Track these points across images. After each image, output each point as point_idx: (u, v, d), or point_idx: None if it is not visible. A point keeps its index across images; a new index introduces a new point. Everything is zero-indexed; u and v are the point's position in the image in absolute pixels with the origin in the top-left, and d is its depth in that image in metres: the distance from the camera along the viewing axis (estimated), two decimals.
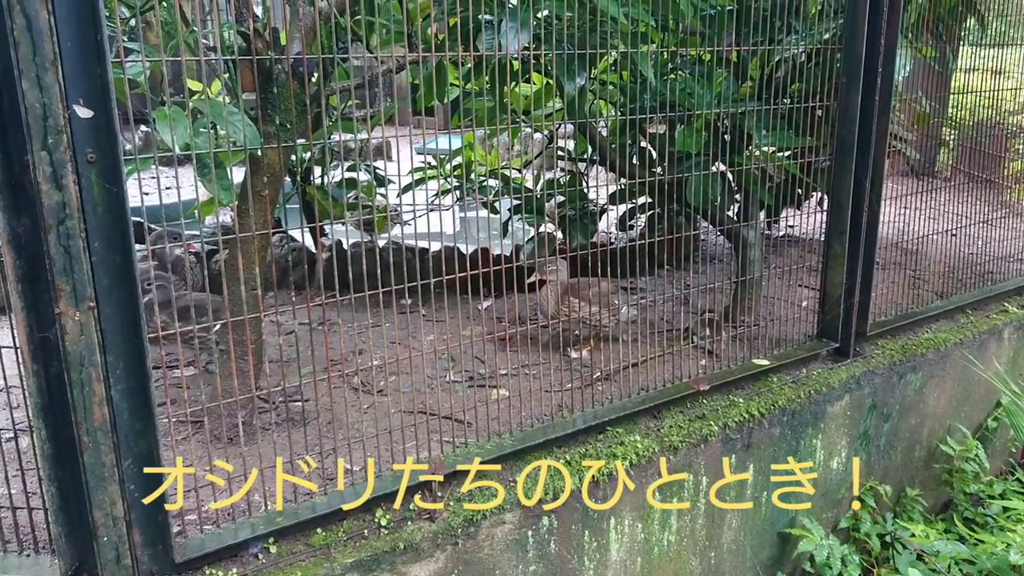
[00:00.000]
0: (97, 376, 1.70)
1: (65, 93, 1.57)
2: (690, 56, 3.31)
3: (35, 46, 1.52)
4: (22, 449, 2.46)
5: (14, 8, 1.50)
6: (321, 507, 2.09)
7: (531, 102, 3.91)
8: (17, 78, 1.54)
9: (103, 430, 1.73)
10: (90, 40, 1.58)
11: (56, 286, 1.64)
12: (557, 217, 3.64)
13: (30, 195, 1.62)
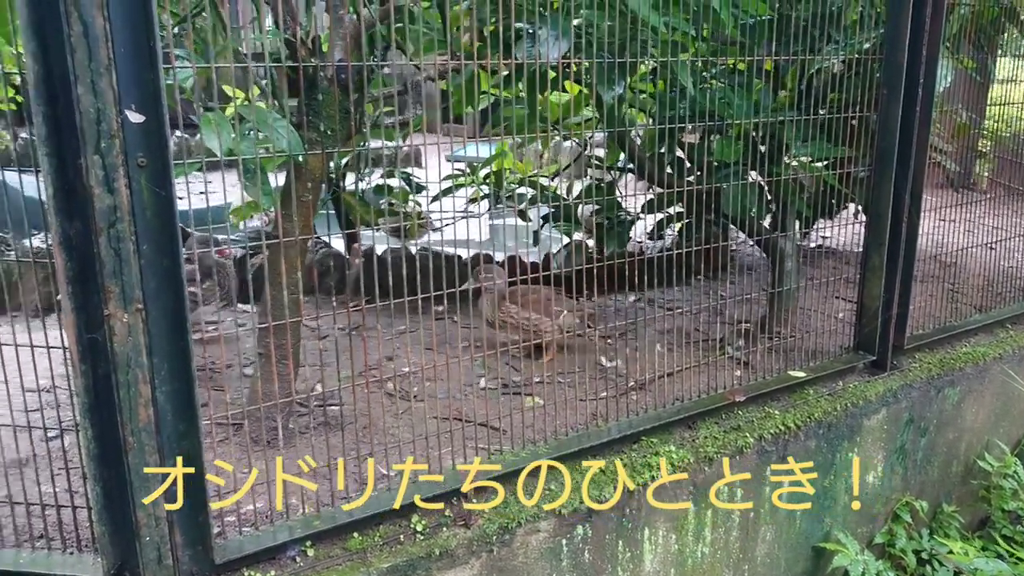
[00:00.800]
0: (143, 377, 1.72)
1: (118, 98, 1.59)
2: (727, 66, 3.30)
3: (91, 52, 1.55)
4: (64, 448, 2.50)
5: (71, 15, 1.54)
6: (361, 511, 2.10)
7: (565, 110, 3.93)
8: (73, 83, 1.57)
9: (148, 431, 1.75)
10: (143, 46, 1.60)
11: (106, 288, 1.66)
12: (592, 225, 3.63)
13: (81, 198, 1.64)
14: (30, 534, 2.02)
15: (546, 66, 2.47)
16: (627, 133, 3.40)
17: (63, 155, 1.63)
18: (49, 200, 1.64)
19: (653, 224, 3.73)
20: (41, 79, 1.58)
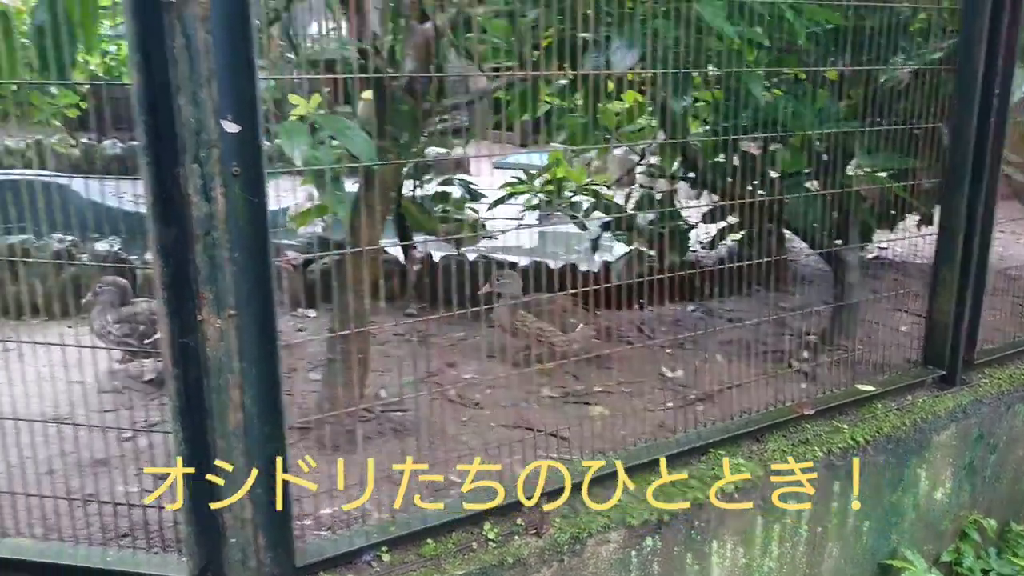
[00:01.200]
0: (234, 382, 1.75)
1: (217, 109, 1.63)
2: (793, 75, 3.27)
3: (193, 64, 1.59)
4: (140, 448, 2.56)
5: (175, 28, 1.58)
6: (434, 518, 2.12)
7: (623, 119, 3.92)
8: (174, 94, 1.61)
9: (236, 435, 1.78)
10: (241, 58, 1.64)
11: (200, 294, 1.70)
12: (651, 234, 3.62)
13: (178, 206, 1.69)
14: (115, 532, 2.07)
15: (609, 76, 2.47)
16: (687, 142, 3.39)
17: (161, 164, 1.67)
18: (148, 208, 1.68)
19: (714, 234, 3.71)
20: (143, 90, 1.63)
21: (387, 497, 2.23)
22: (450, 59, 2.80)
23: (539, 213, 4.10)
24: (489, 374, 3.15)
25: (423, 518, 2.12)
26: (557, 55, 2.62)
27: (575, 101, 3.40)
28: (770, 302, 4.04)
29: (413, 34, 2.58)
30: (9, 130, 5.96)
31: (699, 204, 3.52)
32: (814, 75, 3.17)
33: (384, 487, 2.25)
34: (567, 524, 2.21)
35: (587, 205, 3.88)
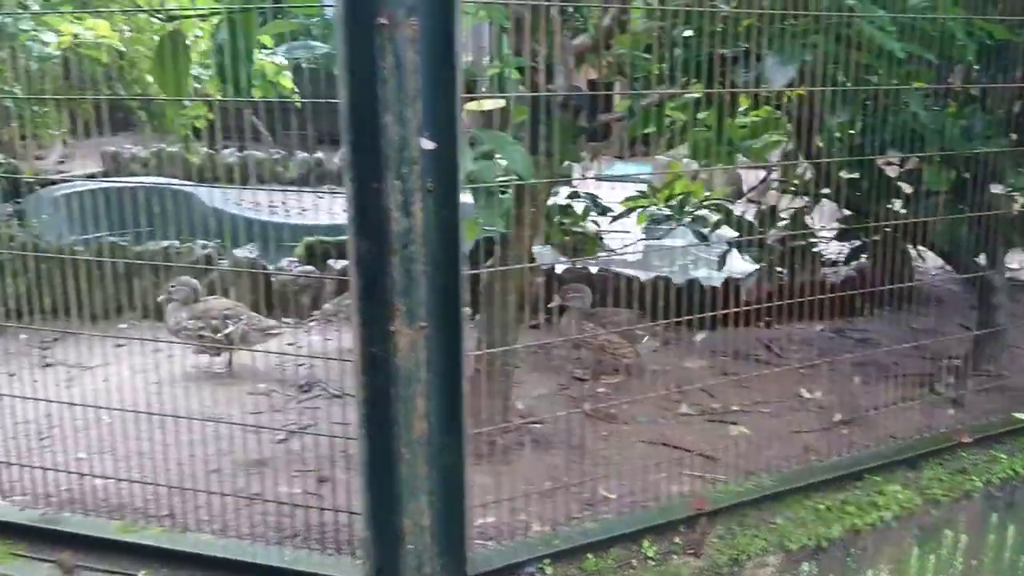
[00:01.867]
0: (421, 392, 1.79)
1: (420, 126, 1.68)
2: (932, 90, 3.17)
3: (401, 83, 1.65)
4: (294, 450, 2.64)
5: (386, 49, 1.63)
6: (594, 533, 2.12)
7: (750, 133, 3.87)
8: (381, 112, 1.66)
9: (420, 443, 1.82)
10: (444, 78, 1.69)
11: (394, 306, 1.75)
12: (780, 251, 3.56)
13: (375, 220, 1.74)
14: (289, 532, 2.14)
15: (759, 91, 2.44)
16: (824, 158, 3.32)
17: (362, 178, 1.73)
18: (349, 221, 1.74)
19: (847, 252, 3.62)
20: (351, 107, 1.69)
21: (541, 509, 2.25)
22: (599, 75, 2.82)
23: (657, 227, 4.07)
24: (622, 388, 3.15)
25: (584, 532, 2.13)
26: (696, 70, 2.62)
27: (698, 115, 3.37)
28: (901, 323, 3.93)
29: (566, 50, 2.60)
30: (139, 139, 6.28)
31: (834, 226, 3.44)
32: (960, 91, 3.08)
33: (538, 499, 2.27)
34: (725, 545, 2.19)
35: (712, 220, 3.83)
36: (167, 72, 2.62)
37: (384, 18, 1.61)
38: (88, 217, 4.90)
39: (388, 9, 1.61)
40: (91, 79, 3.54)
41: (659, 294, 3.65)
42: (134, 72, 3.90)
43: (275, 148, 6.74)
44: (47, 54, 3.33)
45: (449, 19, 1.65)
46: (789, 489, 2.36)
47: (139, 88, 4.40)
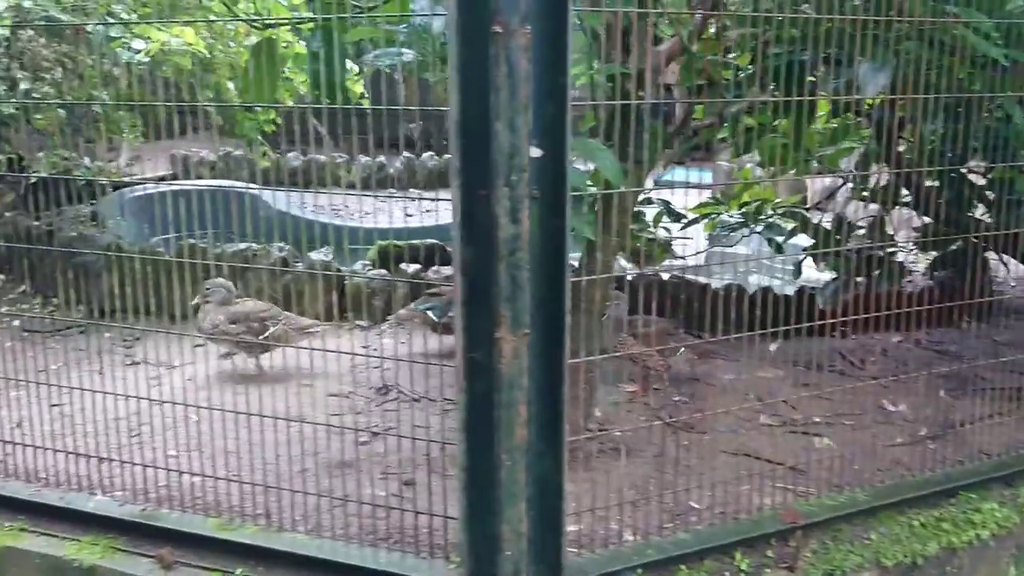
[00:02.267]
0: (523, 399, 1.80)
1: (530, 134, 1.68)
2: None
3: (513, 92, 1.65)
4: (377, 452, 2.67)
5: (500, 57, 1.64)
6: (686, 544, 2.10)
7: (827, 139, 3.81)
8: (492, 120, 1.67)
9: (521, 450, 1.82)
10: (554, 86, 1.69)
11: (499, 312, 1.75)
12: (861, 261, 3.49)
13: (479, 227, 1.75)
14: (383, 534, 2.16)
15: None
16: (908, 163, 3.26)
17: (469, 185, 1.74)
18: (455, 228, 1.75)
19: (929, 261, 3.54)
20: (461, 115, 1.70)
21: (629, 518, 2.23)
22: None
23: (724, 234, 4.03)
24: (698, 396, 3.12)
25: (677, 544, 2.11)
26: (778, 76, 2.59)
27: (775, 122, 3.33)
28: (983, 335, 3.83)
29: (653, 57, 2.59)
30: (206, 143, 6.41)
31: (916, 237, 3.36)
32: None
33: (625, 508, 2.26)
34: (819, 560, 2.15)
35: (786, 227, 3.78)
36: (259, 78, 2.68)
37: (498, 26, 1.62)
38: (161, 219, 5.01)
39: (503, 17, 1.62)
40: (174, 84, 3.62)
41: (732, 302, 3.63)
42: (213, 77, 3.99)
43: (337, 152, 6.82)
44: (136, 61, 3.42)
45: (561, 27, 1.66)
46: (882, 504, 2.31)
47: (211, 93, 4.49)
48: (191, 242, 3.76)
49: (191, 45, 3.42)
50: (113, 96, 3.72)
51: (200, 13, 3.54)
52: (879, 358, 3.57)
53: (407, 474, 2.51)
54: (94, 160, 4.80)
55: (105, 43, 3.46)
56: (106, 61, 3.95)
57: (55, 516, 2.32)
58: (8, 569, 2.26)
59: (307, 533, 2.17)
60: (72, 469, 2.49)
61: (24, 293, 4.24)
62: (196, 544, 2.19)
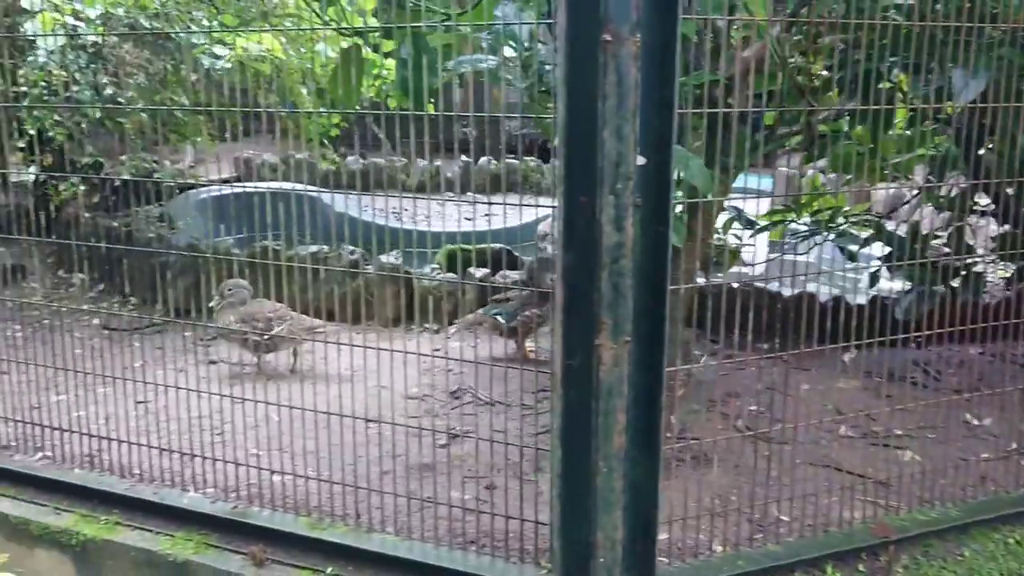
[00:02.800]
0: (621, 406, 1.80)
1: (637, 142, 1.68)
2: None
3: (621, 100, 1.66)
4: (456, 455, 2.69)
5: (609, 66, 1.64)
6: (776, 556, 2.08)
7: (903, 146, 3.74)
8: (599, 128, 1.68)
9: (618, 457, 1.82)
10: (661, 95, 1.69)
11: (600, 319, 1.76)
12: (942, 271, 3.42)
13: (584, 234, 1.75)
14: (470, 537, 2.17)
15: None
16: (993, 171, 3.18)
17: (572, 192, 1.75)
18: (558, 234, 1.76)
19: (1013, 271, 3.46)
20: (567, 122, 1.71)
21: (715, 528, 2.22)
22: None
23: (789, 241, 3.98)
24: (775, 405, 3.08)
25: (767, 555, 2.09)
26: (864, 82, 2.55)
27: (845, 128, 3.28)
28: None
29: (739, 63, 2.57)
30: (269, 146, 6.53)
31: None
32: None
33: (711, 518, 2.25)
34: (909, 575, 2.12)
35: (859, 235, 3.72)
36: (344, 83, 2.72)
37: (608, 35, 1.63)
38: (228, 219, 5.11)
39: (613, 26, 1.62)
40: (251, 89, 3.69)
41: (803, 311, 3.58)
42: (288, 81, 4.06)
43: (395, 156, 6.89)
44: (218, 67, 3.50)
45: (671, 36, 1.66)
46: (974, 521, 2.26)
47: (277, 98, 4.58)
48: (265, 244, 3.83)
49: (270, 51, 3.48)
50: (192, 100, 3.81)
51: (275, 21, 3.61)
52: (958, 370, 3.49)
53: (488, 477, 2.52)
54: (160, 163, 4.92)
55: (188, 49, 3.54)
56: (184, 67, 4.06)
57: (148, 511, 2.38)
58: (104, 562, 2.33)
59: (397, 534, 2.19)
60: (162, 465, 2.55)
61: (103, 292, 4.36)
62: (285, 542, 2.23)
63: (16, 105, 3.26)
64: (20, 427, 2.74)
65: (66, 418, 2.79)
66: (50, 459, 2.62)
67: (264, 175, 6.87)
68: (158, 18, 3.43)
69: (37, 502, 2.48)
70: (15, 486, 2.54)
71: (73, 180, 3.53)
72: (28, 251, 4.64)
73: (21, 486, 2.53)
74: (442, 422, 2.94)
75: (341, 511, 2.32)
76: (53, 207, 3.96)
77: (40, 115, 3.36)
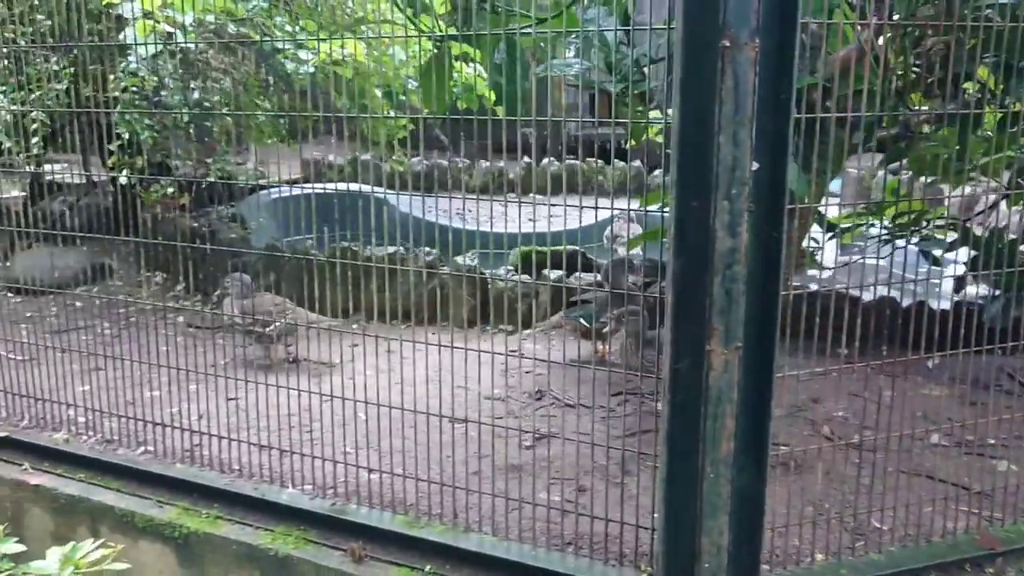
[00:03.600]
0: (731, 412, 1.79)
1: (753, 148, 1.68)
2: None
3: (738, 105, 1.65)
4: (542, 456, 2.70)
5: (726, 71, 1.64)
6: (880, 566, 2.06)
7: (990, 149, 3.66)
8: (715, 133, 1.67)
9: (726, 463, 1.82)
10: (776, 99, 1.68)
11: (711, 325, 1.75)
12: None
13: (692, 238, 1.75)
14: (567, 539, 2.19)
15: None
16: None
17: (683, 197, 1.75)
18: (671, 240, 1.76)
19: None
20: (682, 127, 1.71)
21: (814, 536, 2.20)
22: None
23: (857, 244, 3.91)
24: (862, 412, 3.03)
25: (870, 564, 2.07)
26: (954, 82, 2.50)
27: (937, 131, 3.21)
28: None
29: (830, 65, 2.55)
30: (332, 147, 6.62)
31: None
32: None
33: (808, 526, 2.22)
34: None
35: (942, 239, 3.65)
36: (434, 87, 2.76)
37: (727, 40, 1.62)
38: (298, 220, 5.20)
39: (732, 32, 1.62)
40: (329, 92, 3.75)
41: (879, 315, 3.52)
42: (367, 85, 4.12)
43: (458, 157, 6.95)
44: (302, 72, 3.58)
45: (790, 41, 1.65)
46: None
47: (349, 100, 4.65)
48: (344, 244, 3.89)
49: (353, 56, 3.54)
50: (275, 105, 3.89)
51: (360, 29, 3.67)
52: None
53: (574, 479, 2.53)
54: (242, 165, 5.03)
55: (272, 55, 3.62)
56: (263, 71, 4.15)
57: (248, 506, 2.44)
58: (206, 554, 2.40)
59: (495, 534, 2.22)
60: (259, 461, 2.61)
61: (184, 290, 4.48)
62: (382, 539, 2.27)
63: (108, 111, 3.37)
64: (122, 422, 2.83)
65: (163, 413, 2.88)
66: (152, 454, 2.70)
67: (331, 176, 6.98)
68: (245, 24, 3.51)
69: (140, 495, 2.56)
70: (119, 479, 2.62)
71: (162, 182, 3.63)
72: (112, 250, 4.80)
73: (125, 479, 2.62)
74: (525, 423, 2.95)
75: (436, 510, 2.35)
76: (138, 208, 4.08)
77: (132, 119, 3.47)
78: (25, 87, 3.48)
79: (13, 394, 3.02)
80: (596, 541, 2.18)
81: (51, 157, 4.52)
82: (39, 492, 2.64)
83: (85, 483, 2.64)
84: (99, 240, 4.51)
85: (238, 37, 3.60)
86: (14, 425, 2.92)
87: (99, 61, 3.33)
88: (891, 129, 2.70)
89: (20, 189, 5.84)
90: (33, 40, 3.53)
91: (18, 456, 2.79)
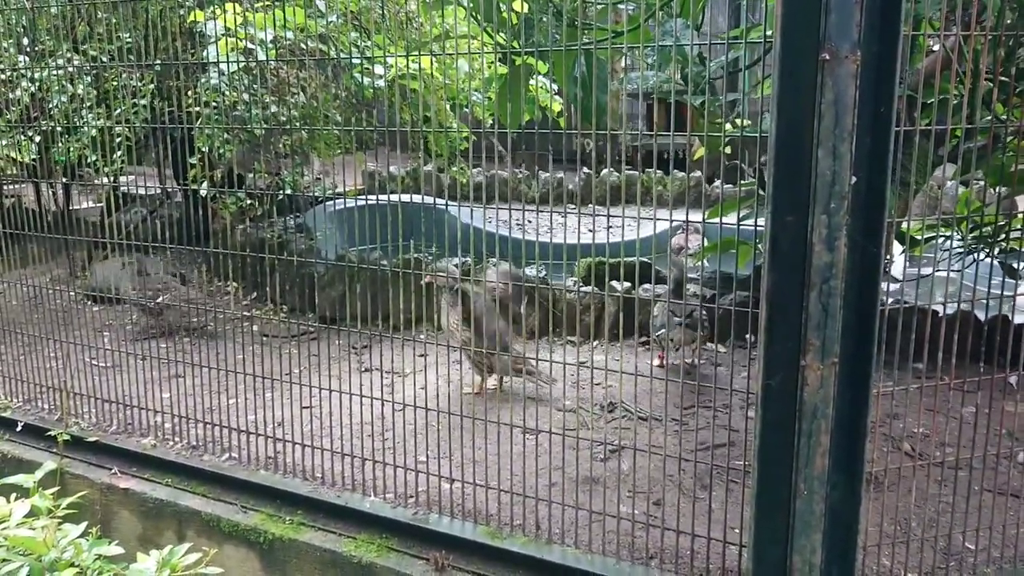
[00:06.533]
0: (826, 428, 1.77)
1: (853, 162, 1.66)
2: None
3: (838, 119, 1.64)
4: (615, 469, 2.69)
5: (826, 85, 1.63)
6: None
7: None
8: (814, 147, 1.66)
9: (820, 479, 1.80)
10: (874, 112, 1.66)
11: (807, 340, 1.74)
12: None
13: (791, 253, 1.74)
14: (652, 553, 2.18)
15: None
16: None
17: (778, 210, 1.74)
18: (766, 253, 1.75)
19: None
20: (779, 141, 1.70)
21: (900, 555, 2.15)
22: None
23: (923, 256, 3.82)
24: (939, 428, 2.97)
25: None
26: None
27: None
28: None
29: (914, 74, 2.51)
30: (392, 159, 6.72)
31: None
32: None
33: (895, 545, 2.18)
34: None
35: None
36: (511, 102, 2.78)
37: (827, 53, 1.61)
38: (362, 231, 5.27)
39: (832, 45, 1.61)
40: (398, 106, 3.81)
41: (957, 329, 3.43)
42: (435, 98, 4.18)
43: (516, 168, 6.99)
44: (376, 86, 3.64)
45: (892, 54, 1.63)
46: None
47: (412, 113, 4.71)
48: (415, 256, 3.94)
49: (424, 70, 3.60)
50: (346, 119, 3.96)
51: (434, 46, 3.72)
52: None
53: (647, 492, 2.52)
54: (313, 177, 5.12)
55: (346, 70, 3.69)
56: (334, 85, 4.23)
57: (330, 513, 2.49)
58: (289, 560, 2.44)
59: (578, 547, 2.22)
60: (340, 469, 2.65)
61: (256, 299, 4.58)
62: (464, 549, 2.29)
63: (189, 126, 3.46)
64: (206, 428, 2.90)
65: (242, 420, 2.94)
66: (236, 460, 2.77)
67: (392, 187, 7.07)
68: (322, 40, 3.59)
69: (224, 500, 2.63)
70: (204, 484, 2.69)
71: (240, 195, 3.72)
72: (185, 259, 4.93)
73: (210, 484, 2.69)
74: (599, 435, 2.95)
75: (517, 521, 2.36)
76: (211, 220, 4.19)
77: (211, 133, 3.56)
78: (106, 103, 3.61)
79: (101, 399, 3.12)
80: (680, 556, 2.16)
81: (127, 170, 4.66)
82: (128, 495, 2.72)
83: (172, 488, 2.71)
84: (176, 250, 4.64)
85: (312, 53, 3.68)
86: (103, 430, 3.02)
87: (178, 76, 3.42)
88: (979, 141, 2.64)
89: (96, 200, 6.05)
90: (113, 57, 3.66)
91: (107, 460, 2.88)
